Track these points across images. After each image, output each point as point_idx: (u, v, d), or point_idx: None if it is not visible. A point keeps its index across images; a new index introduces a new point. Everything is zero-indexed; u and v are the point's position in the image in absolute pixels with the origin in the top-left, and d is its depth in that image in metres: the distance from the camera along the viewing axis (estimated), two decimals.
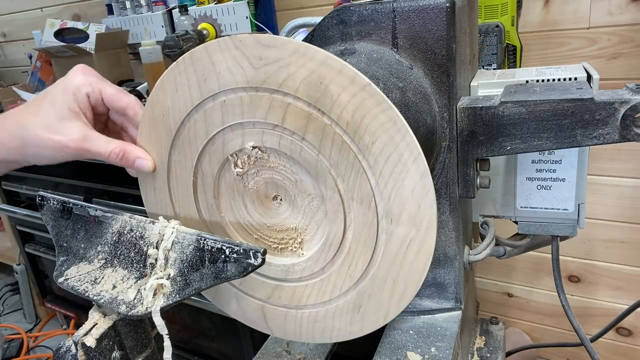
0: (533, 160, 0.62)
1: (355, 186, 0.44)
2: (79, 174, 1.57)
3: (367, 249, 0.46)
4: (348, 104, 0.41)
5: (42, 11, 2.25)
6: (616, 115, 0.46)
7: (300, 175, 0.47)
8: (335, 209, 0.46)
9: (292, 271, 0.50)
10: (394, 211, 0.43)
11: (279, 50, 0.42)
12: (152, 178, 0.54)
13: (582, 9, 1.19)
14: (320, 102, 0.42)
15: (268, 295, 0.53)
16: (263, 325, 0.56)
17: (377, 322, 0.49)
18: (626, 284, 1.35)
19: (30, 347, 2.08)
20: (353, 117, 0.42)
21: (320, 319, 0.51)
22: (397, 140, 0.41)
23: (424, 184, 0.42)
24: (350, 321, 0.50)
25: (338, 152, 0.43)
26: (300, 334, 0.54)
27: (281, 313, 0.53)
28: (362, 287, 0.48)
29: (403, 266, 0.45)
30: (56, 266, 0.50)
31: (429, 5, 0.52)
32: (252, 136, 0.47)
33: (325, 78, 0.41)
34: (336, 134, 0.43)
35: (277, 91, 0.44)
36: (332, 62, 0.41)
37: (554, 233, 0.65)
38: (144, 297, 0.44)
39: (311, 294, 0.50)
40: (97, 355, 0.44)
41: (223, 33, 1.61)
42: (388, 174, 0.42)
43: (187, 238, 0.44)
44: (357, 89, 0.41)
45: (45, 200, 0.52)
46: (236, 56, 0.44)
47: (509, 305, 1.56)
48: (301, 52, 0.42)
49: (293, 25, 1.13)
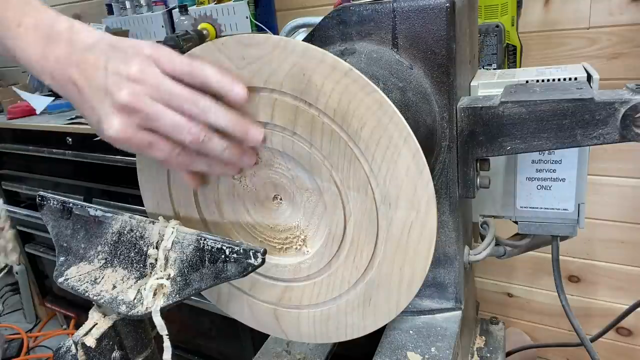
0: (533, 160, 0.62)
1: (350, 174, 0.44)
2: (79, 174, 1.57)
3: (369, 237, 0.46)
4: (333, 91, 0.42)
5: None
6: (616, 115, 0.46)
7: (295, 171, 0.47)
8: (334, 201, 0.46)
9: (300, 270, 0.50)
10: (391, 195, 0.43)
11: (260, 48, 0.43)
12: (154, 189, 0.54)
13: (582, 9, 1.18)
14: (306, 94, 0.43)
15: (279, 298, 0.53)
16: (277, 330, 0.56)
17: (389, 312, 0.48)
18: (626, 284, 1.35)
19: (30, 347, 2.08)
20: (339, 104, 0.42)
21: (332, 316, 0.51)
22: (385, 122, 0.41)
23: (417, 164, 0.41)
24: (363, 315, 0.50)
25: (329, 142, 0.44)
26: (315, 334, 0.54)
27: (294, 315, 0.53)
28: (370, 278, 0.47)
29: (408, 251, 0.45)
30: (56, 266, 0.50)
31: (429, 5, 0.52)
32: None
33: (307, 69, 0.42)
34: (325, 123, 0.43)
35: (263, 88, 0.44)
36: (313, 53, 0.41)
37: (554, 233, 0.65)
38: (144, 297, 0.44)
39: (321, 292, 0.50)
40: (97, 355, 0.44)
41: (223, 33, 1.61)
42: (380, 158, 0.42)
43: (187, 238, 0.44)
44: (339, 76, 0.41)
45: (45, 200, 0.52)
46: (219, 59, 0.44)
47: (509, 305, 1.56)
48: (281, 47, 0.42)
49: (293, 25, 1.13)
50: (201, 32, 1.49)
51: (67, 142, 1.49)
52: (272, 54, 0.42)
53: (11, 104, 1.77)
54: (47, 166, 1.65)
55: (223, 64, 0.44)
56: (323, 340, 0.54)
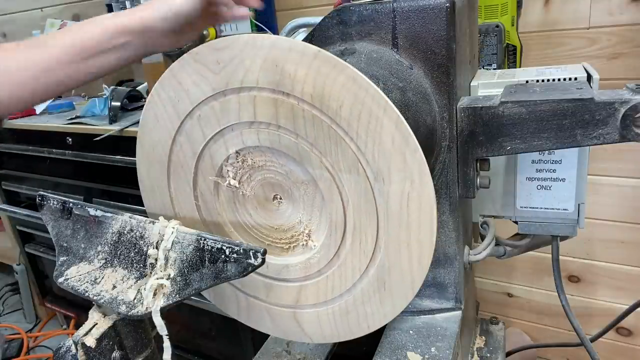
0: (533, 160, 0.62)
1: (339, 157, 0.44)
2: (79, 174, 1.57)
3: (370, 217, 0.45)
4: (306, 76, 0.42)
5: (42, 11, 2.25)
6: (616, 115, 0.46)
7: (288, 166, 0.47)
8: (329, 187, 0.46)
9: (310, 266, 0.50)
10: (383, 169, 0.43)
11: (231, 49, 0.43)
12: (157, 208, 0.55)
13: (582, 9, 1.18)
14: (282, 85, 0.43)
15: (295, 300, 0.53)
16: (300, 334, 0.55)
17: (406, 294, 0.48)
18: (626, 284, 1.35)
19: (30, 347, 2.08)
20: (314, 87, 0.42)
21: (350, 309, 0.51)
22: (361, 96, 0.41)
23: (401, 133, 0.41)
24: (380, 301, 0.49)
25: (312, 128, 0.44)
26: (338, 332, 0.53)
27: (313, 314, 0.53)
28: (380, 262, 0.47)
29: (410, 225, 0.44)
30: (56, 266, 0.50)
31: (429, 5, 0.52)
32: (233, 141, 0.48)
33: (278, 60, 0.42)
34: (305, 110, 0.43)
35: (242, 88, 0.45)
36: (281, 43, 0.42)
37: (554, 233, 0.65)
38: (144, 297, 0.44)
39: (334, 285, 0.50)
40: (97, 355, 0.44)
41: (223, 33, 1.61)
42: (364, 133, 0.42)
43: (187, 238, 0.44)
44: (309, 59, 0.41)
45: (45, 200, 0.52)
46: (197, 69, 0.46)
47: (509, 305, 1.56)
48: (250, 44, 0.43)
49: (293, 25, 1.13)
50: (201, 32, 1.50)
51: (67, 142, 1.49)
52: (243, 52, 0.43)
53: None
54: (47, 166, 1.65)
55: (202, 73, 0.45)
56: (346, 337, 0.53)
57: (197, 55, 0.45)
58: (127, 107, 1.55)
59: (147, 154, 0.53)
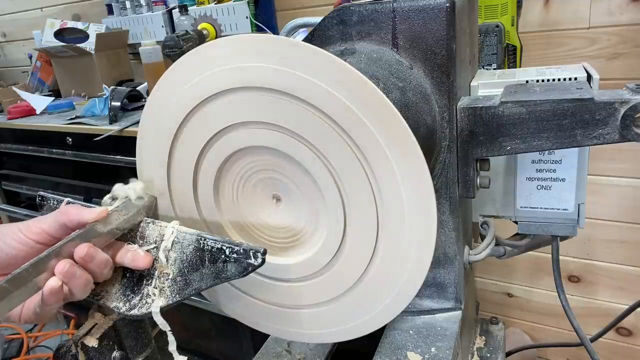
0: (533, 160, 0.62)
1: (327, 139, 0.44)
2: (79, 174, 1.57)
3: (370, 217, 0.45)
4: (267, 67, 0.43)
5: (42, 11, 2.25)
6: (616, 115, 0.46)
7: (288, 166, 0.47)
8: (329, 187, 0.45)
9: (310, 266, 0.50)
10: (382, 169, 0.43)
11: (191, 65, 0.46)
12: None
13: (582, 9, 1.19)
14: (248, 80, 0.44)
15: (295, 300, 0.53)
16: (300, 334, 0.55)
17: (406, 294, 0.48)
18: (626, 284, 1.35)
19: (30, 347, 2.08)
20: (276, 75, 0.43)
21: (350, 309, 0.50)
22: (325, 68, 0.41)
23: (401, 132, 0.41)
24: (380, 301, 0.49)
25: (313, 127, 0.44)
26: (338, 332, 0.52)
27: (313, 314, 0.53)
28: (379, 261, 0.47)
29: (411, 225, 0.44)
30: None
31: (429, 5, 0.52)
32: (233, 141, 0.48)
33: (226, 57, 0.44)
34: (306, 110, 0.43)
35: (216, 95, 0.46)
36: (217, 41, 0.44)
37: (554, 233, 0.65)
38: (144, 297, 0.44)
39: (334, 285, 0.50)
40: (97, 355, 0.45)
41: (223, 33, 1.61)
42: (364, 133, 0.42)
43: (187, 238, 0.44)
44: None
45: (45, 200, 0.52)
46: (197, 68, 0.47)
47: (509, 305, 1.56)
48: (201, 55, 0.45)
49: (293, 25, 1.13)
50: (201, 32, 1.50)
51: (67, 142, 1.49)
52: (203, 65, 0.45)
53: (11, 104, 1.77)
54: (47, 166, 1.65)
55: (202, 72, 0.47)
56: (346, 337, 0.52)
57: (166, 79, 0.47)
58: (127, 107, 1.55)
59: (147, 153, 0.52)
